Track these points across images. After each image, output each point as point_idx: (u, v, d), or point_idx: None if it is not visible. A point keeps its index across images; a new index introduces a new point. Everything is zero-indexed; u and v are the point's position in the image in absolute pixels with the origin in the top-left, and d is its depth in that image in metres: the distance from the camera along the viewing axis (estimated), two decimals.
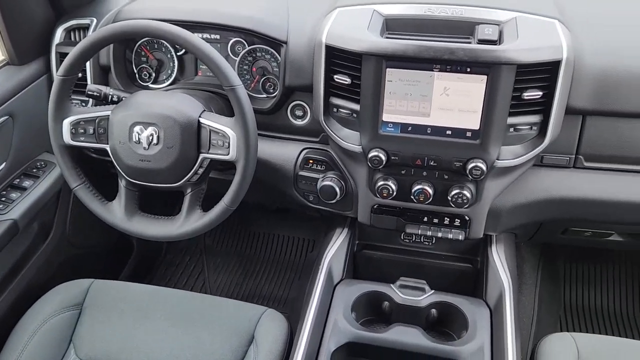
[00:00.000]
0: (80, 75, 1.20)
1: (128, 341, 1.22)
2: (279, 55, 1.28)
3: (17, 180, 1.41)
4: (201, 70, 1.39)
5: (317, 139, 1.33)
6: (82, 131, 1.17)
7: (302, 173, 1.33)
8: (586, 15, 1.21)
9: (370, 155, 1.18)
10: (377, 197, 1.26)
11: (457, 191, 1.19)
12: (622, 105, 1.13)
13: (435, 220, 1.29)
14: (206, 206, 1.20)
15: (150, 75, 1.41)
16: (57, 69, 1.27)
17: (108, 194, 1.24)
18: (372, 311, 1.28)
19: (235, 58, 1.34)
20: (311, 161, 1.33)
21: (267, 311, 1.25)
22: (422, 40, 1.09)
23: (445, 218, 1.28)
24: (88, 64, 1.37)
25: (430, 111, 1.12)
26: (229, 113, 1.17)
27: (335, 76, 1.16)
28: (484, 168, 1.13)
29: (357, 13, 1.18)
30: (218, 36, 1.34)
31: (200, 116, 1.13)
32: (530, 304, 1.76)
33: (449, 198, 1.21)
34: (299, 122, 1.32)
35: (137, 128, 1.12)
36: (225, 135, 1.11)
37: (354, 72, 1.14)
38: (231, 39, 1.33)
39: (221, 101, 1.31)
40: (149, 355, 1.20)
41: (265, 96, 1.35)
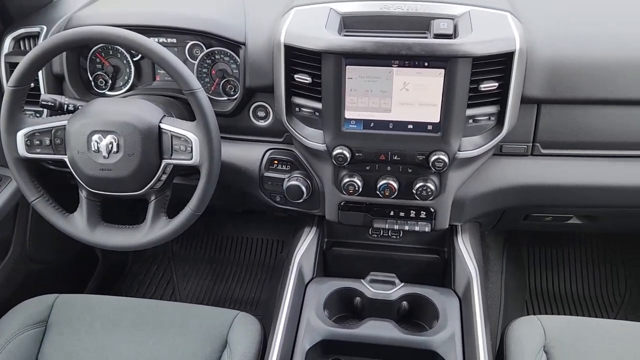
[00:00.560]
0: (32, 85, 1.16)
1: (98, 356, 1.19)
2: (238, 56, 1.27)
3: None
4: (159, 75, 1.37)
5: (281, 139, 1.33)
6: (38, 143, 1.14)
7: (268, 174, 1.33)
8: (536, 6, 1.25)
9: (334, 152, 1.19)
10: (344, 194, 1.26)
11: (422, 184, 1.21)
12: (574, 92, 1.18)
13: (401, 213, 1.31)
14: (171, 213, 1.18)
15: (106, 82, 1.38)
16: (7, 80, 1.22)
17: (69, 206, 1.21)
18: (345, 307, 1.28)
19: (193, 61, 1.32)
20: (276, 162, 1.32)
21: (240, 315, 1.24)
22: (380, 36, 1.10)
23: (411, 211, 1.30)
24: (40, 73, 1.33)
25: (391, 106, 1.14)
26: (190, 117, 1.16)
27: (295, 76, 1.16)
28: (446, 160, 1.16)
29: (314, 12, 1.18)
30: (175, 40, 1.32)
31: (160, 122, 1.11)
32: (497, 290, 1.80)
33: (414, 191, 1.23)
34: (262, 123, 1.32)
35: (96, 137, 1.09)
36: (187, 140, 1.10)
37: (314, 71, 1.14)
38: (188, 42, 1.32)
39: (181, 106, 1.29)
40: None
41: (226, 99, 1.34)
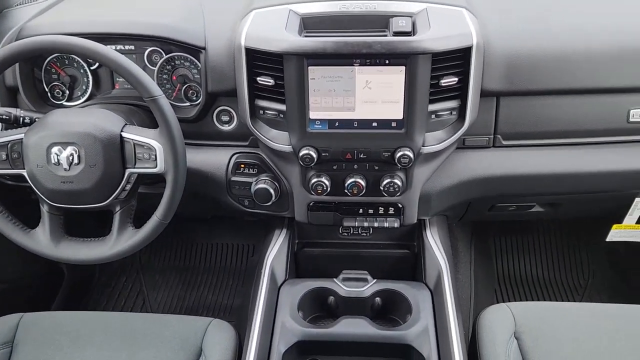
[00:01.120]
0: None
1: None
2: (199, 61, 1.26)
3: None
4: (118, 83, 1.34)
5: (247, 143, 1.32)
6: None
7: (235, 178, 1.32)
8: (490, 1, 1.28)
9: (301, 154, 1.19)
10: (312, 195, 1.27)
11: (389, 180, 1.23)
12: (531, 84, 1.21)
13: (370, 211, 1.32)
14: (138, 223, 1.16)
15: (63, 92, 1.34)
16: None
17: (30, 221, 1.18)
18: (319, 307, 1.29)
19: (153, 68, 1.30)
20: (243, 165, 1.32)
21: (213, 321, 1.23)
22: (340, 36, 1.11)
23: (379, 208, 1.32)
24: None
25: (355, 105, 1.14)
26: (153, 125, 1.14)
27: (258, 78, 1.15)
28: (412, 155, 1.17)
29: (274, 14, 1.18)
30: (132, 47, 1.29)
31: (122, 130, 1.09)
32: (467, 281, 1.84)
33: (381, 188, 1.24)
34: (226, 128, 1.31)
35: (55, 149, 1.06)
36: (150, 147, 1.08)
37: (277, 73, 1.14)
38: (147, 49, 1.29)
39: (143, 113, 1.27)
40: None
41: (188, 104, 1.32)
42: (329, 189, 1.24)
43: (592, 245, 2.01)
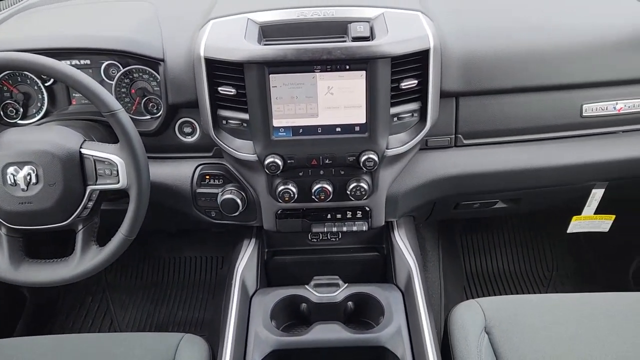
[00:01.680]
0: None
1: None
2: (158, 73, 1.24)
3: None
4: (75, 98, 1.31)
5: (211, 154, 1.31)
6: None
7: (201, 190, 1.30)
8: (444, 3, 1.31)
9: (266, 162, 1.18)
10: (280, 202, 1.26)
11: (355, 184, 1.24)
12: (487, 84, 1.24)
13: (338, 215, 1.33)
14: (102, 240, 1.13)
15: (17, 111, 1.30)
16: None
17: None
18: (292, 315, 1.28)
19: (110, 82, 1.28)
20: (208, 177, 1.30)
21: (185, 337, 1.21)
22: (300, 43, 1.11)
23: (347, 212, 1.32)
24: None
25: (318, 111, 1.15)
26: (113, 140, 1.12)
27: (219, 88, 1.15)
28: (376, 159, 1.18)
29: (232, 23, 1.18)
30: (88, 61, 1.26)
31: (81, 147, 1.07)
32: (436, 279, 1.86)
33: (348, 192, 1.25)
34: (189, 139, 1.29)
35: (11, 169, 1.03)
36: (111, 163, 1.06)
37: (238, 82, 1.13)
38: (103, 63, 1.27)
39: (102, 129, 1.24)
40: None
41: (149, 117, 1.30)
42: (296, 196, 1.24)
43: (555, 237, 2.07)
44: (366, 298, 1.26)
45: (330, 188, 1.24)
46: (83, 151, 1.06)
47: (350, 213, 1.32)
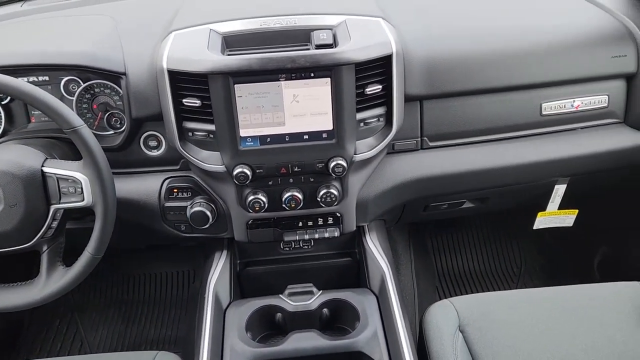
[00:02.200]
0: None
1: None
2: (120, 87, 1.22)
3: None
4: (34, 116, 1.27)
5: (178, 167, 1.29)
6: None
7: (169, 204, 1.28)
8: (405, 9, 1.33)
9: (235, 172, 1.18)
10: (250, 212, 1.26)
11: (325, 191, 1.24)
12: (450, 86, 1.27)
13: (309, 223, 1.33)
14: (69, 260, 1.10)
15: None
16: None
17: None
18: (267, 326, 1.27)
19: (71, 98, 1.25)
20: (176, 190, 1.28)
21: (159, 354, 1.18)
22: (264, 52, 1.11)
23: (318, 219, 1.32)
24: None
25: (284, 120, 1.15)
26: (76, 157, 1.09)
27: (184, 100, 1.14)
28: (345, 164, 1.19)
29: (194, 34, 1.17)
30: (47, 77, 1.23)
31: (42, 165, 1.04)
32: (409, 281, 1.88)
33: (319, 199, 1.25)
34: (155, 153, 1.27)
35: None
36: (75, 180, 1.03)
37: (203, 93, 1.12)
38: (63, 78, 1.24)
39: (65, 146, 1.21)
40: None
41: (112, 132, 1.28)
42: (267, 205, 1.24)
43: (522, 234, 2.12)
44: (341, 304, 1.26)
45: (300, 196, 1.24)
46: (45, 170, 1.04)
47: (321, 220, 1.33)
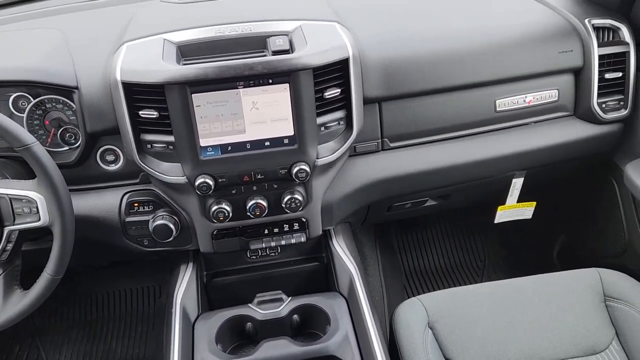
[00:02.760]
0: None
1: None
2: (73, 102, 1.18)
3: None
4: None
5: (137, 180, 1.26)
6: None
7: (130, 219, 1.25)
8: (359, 13, 1.35)
9: (197, 183, 1.16)
10: (215, 223, 1.24)
11: (289, 197, 1.23)
12: (406, 87, 1.29)
13: (275, 230, 1.32)
14: (27, 283, 1.06)
15: None
16: None
17: None
18: (238, 336, 1.26)
19: (21, 115, 1.20)
20: (136, 204, 1.26)
21: None
22: (221, 60, 1.10)
23: (284, 225, 1.32)
24: None
25: (245, 127, 1.14)
26: (30, 176, 1.05)
27: (140, 112, 1.11)
28: (308, 169, 1.19)
29: (148, 45, 1.15)
30: None
31: None
32: (377, 282, 1.89)
33: (283, 205, 1.24)
34: (113, 167, 1.24)
35: None
36: (30, 200, 1.00)
37: (160, 105, 1.10)
38: (11, 95, 1.19)
39: (17, 165, 1.17)
40: None
41: (67, 148, 1.24)
42: (231, 215, 1.23)
43: (484, 229, 2.17)
44: (311, 309, 1.26)
45: (264, 203, 1.23)
46: None
47: (287, 226, 1.32)
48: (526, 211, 1.62)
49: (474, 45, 1.32)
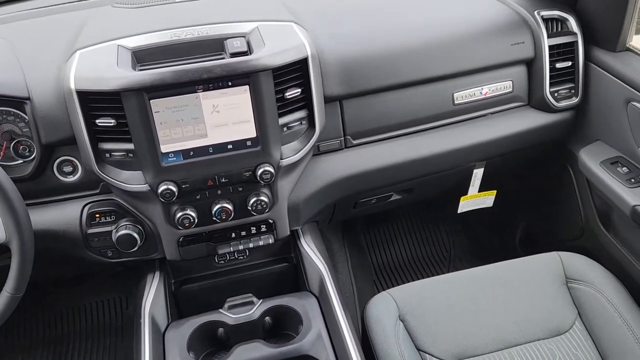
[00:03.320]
0: None
1: None
2: (25, 113, 1.14)
3: None
4: None
5: (98, 190, 1.23)
6: None
7: (92, 230, 1.22)
8: (315, 12, 1.35)
9: (159, 190, 1.14)
10: (180, 229, 1.22)
11: (255, 199, 1.23)
12: (365, 84, 1.30)
13: (243, 233, 1.31)
14: None
15: None
16: None
17: None
18: (210, 343, 1.24)
19: None
20: (98, 215, 1.22)
21: None
22: (178, 65, 1.09)
23: (251, 228, 1.31)
24: None
25: (206, 131, 1.13)
26: None
27: (97, 121, 1.09)
28: (272, 170, 1.19)
29: (101, 51, 1.12)
30: None
31: None
32: (347, 279, 1.91)
33: (249, 208, 1.24)
34: (71, 179, 1.21)
35: None
36: None
37: (117, 112, 1.08)
38: None
39: None
40: None
41: (21, 161, 1.19)
42: (197, 220, 1.21)
43: (448, 219, 2.21)
44: (283, 310, 1.26)
45: (230, 207, 1.22)
46: None
47: (254, 228, 1.31)
48: (487, 200, 1.66)
49: (429, 39, 1.35)
